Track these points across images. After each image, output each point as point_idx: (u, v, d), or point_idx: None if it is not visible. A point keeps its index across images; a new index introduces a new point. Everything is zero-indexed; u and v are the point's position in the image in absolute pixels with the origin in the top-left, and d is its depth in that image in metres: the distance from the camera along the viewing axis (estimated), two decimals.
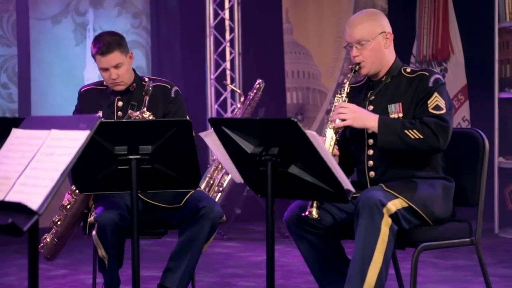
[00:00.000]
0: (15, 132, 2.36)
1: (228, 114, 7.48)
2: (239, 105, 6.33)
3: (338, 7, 7.23)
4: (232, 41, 7.57)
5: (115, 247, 3.34)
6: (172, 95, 3.66)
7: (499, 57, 6.18)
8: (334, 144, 3.18)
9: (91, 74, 7.19)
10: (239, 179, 2.97)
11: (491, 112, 6.17)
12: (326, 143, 3.16)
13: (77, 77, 7.15)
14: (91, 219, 3.38)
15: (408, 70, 3.28)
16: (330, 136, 3.19)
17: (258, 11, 7.53)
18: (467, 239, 3.21)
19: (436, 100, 3.16)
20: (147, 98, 3.52)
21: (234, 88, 6.73)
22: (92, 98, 3.70)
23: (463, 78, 6.57)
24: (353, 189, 2.70)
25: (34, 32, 6.97)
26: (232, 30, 7.55)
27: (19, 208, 2.07)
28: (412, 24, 6.76)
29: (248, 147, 2.77)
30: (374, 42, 3.21)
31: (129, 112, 3.54)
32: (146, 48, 7.36)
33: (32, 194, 2.09)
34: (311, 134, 2.60)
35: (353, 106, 3.19)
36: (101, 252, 3.36)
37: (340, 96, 3.26)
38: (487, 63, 6.24)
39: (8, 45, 6.88)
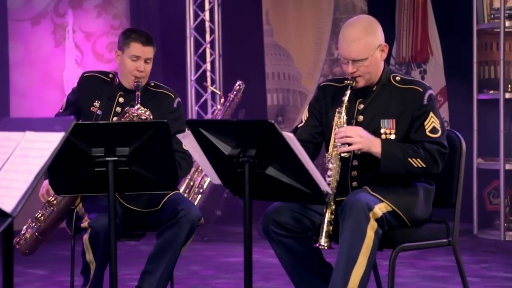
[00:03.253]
0: None
1: (209, 116, 7.47)
2: (219, 107, 6.32)
3: (318, 9, 7.24)
4: (212, 43, 7.56)
5: (105, 253, 3.32)
6: (174, 105, 3.65)
7: (477, 59, 6.21)
8: (339, 169, 3.10)
9: (71, 76, 7.16)
10: (217, 180, 2.97)
11: (469, 113, 6.20)
12: (334, 170, 3.08)
13: (56, 79, 7.12)
14: (84, 224, 3.35)
15: (398, 78, 3.21)
16: (337, 162, 3.09)
17: (238, 13, 7.53)
18: (445, 240, 3.23)
19: (432, 121, 3.14)
20: (138, 93, 3.51)
21: (214, 90, 6.72)
22: (93, 86, 3.65)
23: (442, 80, 6.60)
24: (330, 191, 2.71)
25: (12, 33, 6.93)
26: (212, 31, 7.55)
27: None
28: (391, 26, 6.78)
29: (225, 148, 2.77)
30: (371, 58, 3.13)
31: (126, 109, 3.53)
32: None
33: (6, 197, 2.07)
34: (288, 135, 2.60)
35: (359, 130, 3.10)
36: (89, 256, 3.34)
37: (339, 116, 3.15)
38: (466, 65, 6.27)
39: None
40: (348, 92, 3.15)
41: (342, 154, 3.11)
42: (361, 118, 3.20)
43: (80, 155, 2.91)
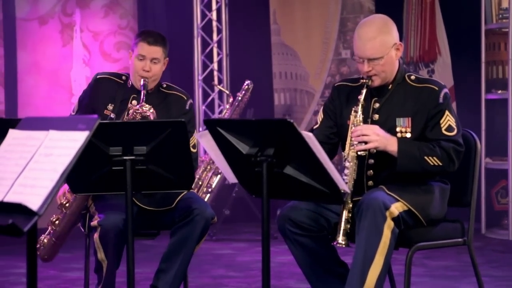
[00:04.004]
0: (12, 133, 2.35)
1: (216, 115, 7.48)
2: (227, 106, 6.32)
3: (326, 9, 7.25)
4: (219, 42, 7.57)
5: (116, 252, 3.34)
6: (187, 107, 3.66)
7: (485, 59, 6.23)
8: (356, 167, 3.12)
9: (78, 75, 7.18)
10: (233, 179, 2.98)
11: (478, 113, 6.21)
12: (351, 169, 3.10)
13: (64, 78, 7.13)
14: (94, 222, 3.36)
15: (413, 77, 3.23)
16: (354, 161, 3.11)
17: (246, 12, 7.54)
18: (460, 239, 3.24)
19: (448, 120, 3.16)
20: (144, 92, 3.52)
21: (223, 89, 6.73)
22: (106, 88, 3.66)
23: (450, 80, 6.60)
24: (348, 190, 2.72)
25: (20, 33, 6.94)
26: (219, 31, 7.56)
27: (18, 209, 2.07)
28: (399, 26, 6.73)
29: (243, 147, 2.78)
30: (387, 57, 3.14)
31: (129, 105, 3.53)
32: None
33: (32, 195, 2.08)
34: (307, 135, 2.62)
35: (376, 128, 3.12)
36: (101, 255, 3.35)
37: (355, 114, 3.16)
38: (474, 65, 6.28)
39: None
40: (364, 91, 3.16)
41: (359, 153, 3.12)
42: (376, 116, 3.22)
43: (98, 154, 2.92)
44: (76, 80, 7.20)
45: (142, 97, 3.52)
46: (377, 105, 3.24)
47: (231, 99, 6.29)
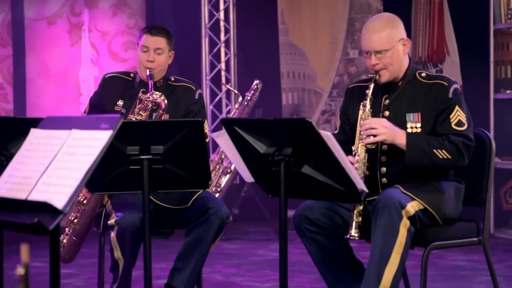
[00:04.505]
0: (34, 132, 2.36)
1: (223, 115, 7.50)
2: (236, 106, 6.33)
3: (334, 8, 7.25)
4: (227, 42, 7.59)
5: (132, 250, 3.35)
6: (196, 97, 3.69)
7: (494, 58, 6.23)
8: (366, 161, 3.14)
9: (87, 75, 7.20)
10: (249, 179, 2.99)
11: (486, 113, 6.21)
12: (360, 162, 3.12)
13: (72, 78, 7.15)
14: (111, 221, 3.38)
15: (423, 74, 3.26)
16: (363, 154, 3.14)
17: (254, 12, 7.55)
18: (475, 239, 3.24)
19: (458, 114, 3.17)
20: (151, 82, 3.55)
21: (232, 89, 6.74)
22: (115, 87, 3.70)
23: (459, 79, 6.61)
24: (366, 189, 2.73)
25: (29, 32, 6.96)
26: (227, 31, 7.57)
27: (42, 207, 2.08)
28: (407, 26, 6.75)
29: (260, 147, 2.79)
30: (393, 50, 3.18)
31: (139, 95, 3.56)
32: None
33: (56, 194, 2.09)
34: (325, 134, 2.63)
35: (383, 122, 3.16)
36: (118, 254, 3.37)
37: (364, 108, 3.20)
38: (483, 64, 6.28)
39: (4, 45, 6.87)
40: (372, 86, 3.21)
41: (368, 146, 3.15)
42: (387, 113, 3.25)
43: (115, 153, 2.93)
44: (84, 80, 7.22)
45: (150, 86, 3.54)
46: (387, 101, 3.27)
47: (240, 99, 6.30)
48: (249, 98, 6.25)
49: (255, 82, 6.28)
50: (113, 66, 7.23)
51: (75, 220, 3.56)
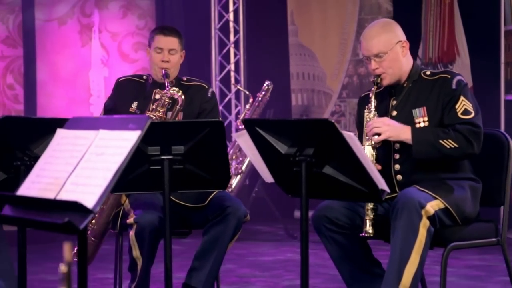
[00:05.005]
0: (60, 133, 2.38)
1: (233, 116, 7.52)
2: (247, 106, 6.35)
3: (343, 9, 7.27)
4: (237, 43, 7.60)
5: (151, 249, 3.37)
6: (209, 95, 3.73)
7: (505, 60, 6.24)
8: (374, 160, 3.18)
9: (97, 75, 7.22)
10: (269, 179, 3.00)
11: (497, 114, 6.22)
12: None
13: (83, 78, 7.17)
14: (130, 220, 3.39)
15: (428, 73, 3.32)
16: (370, 153, 3.18)
17: (263, 13, 7.57)
18: (493, 239, 3.25)
19: (463, 104, 3.19)
20: (167, 80, 3.60)
21: (243, 90, 6.75)
22: (128, 89, 3.73)
23: (469, 81, 6.61)
24: (388, 189, 2.74)
25: (40, 33, 6.98)
26: (236, 32, 7.59)
27: (71, 207, 2.10)
28: (417, 27, 6.80)
29: (282, 147, 2.80)
30: (391, 53, 3.25)
31: (155, 91, 3.59)
32: None
33: (85, 193, 2.11)
34: (348, 135, 2.64)
35: (386, 120, 3.22)
36: (136, 253, 3.38)
37: (368, 111, 3.27)
38: (493, 66, 6.29)
39: (14, 46, 6.90)
40: (374, 89, 3.27)
41: (376, 145, 3.19)
42: (394, 113, 3.30)
43: (136, 153, 2.88)
44: (94, 81, 7.24)
45: (166, 84, 3.58)
46: (394, 102, 3.33)
47: (251, 100, 6.31)
48: (260, 98, 6.26)
49: (266, 83, 6.30)
50: (123, 67, 7.26)
51: (93, 221, 3.58)
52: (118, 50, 7.32)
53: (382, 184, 2.71)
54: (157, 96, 3.57)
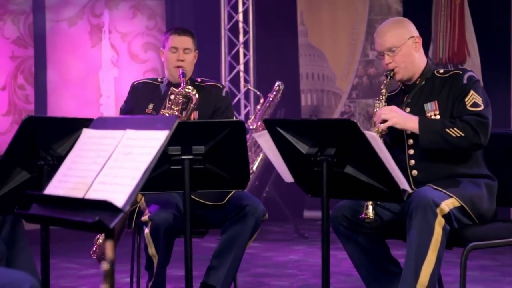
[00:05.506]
0: (87, 132, 2.39)
1: (242, 116, 7.53)
2: (258, 107, 6.36)
3: (353, 10, 7.28)
4: (246, 43, 7.62)
5: (166, 246, 3.38)
6: (223, 94, 3.79)
7: None
8: None
9: (107, 76, 7.23)
10: (289, 179, 3.02)
11: (507, 114, 6.23)
12: None
13: (93, 79, 7.19)
14: (145, 217, 3.41)
15: (441, 71, 3.38)
16: None
17: (273, 14, 7.58)
18: None
19: (473, 97, 3.24)
20: (183, 79, 3.64)
21: (254, 90, 6.76)
22: (144, 92, 3.78)
23: (480, 81, 6.62)
24: (409, 189, 2.75)
25: (50, 33, 7.00)
26: (246, 32, 7.60)
27: (99, 206, 2.11)
28: (427, 27, 6.80)
29: (302, 147, 2.82)
30: (404, 47, 3.33)
31: (171, 89, 3.62)
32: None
33: (115, 192, 2.12)
34: (370, 135, 2.66)
35: (393, 107, 3.29)
36: (152, 250, 3.39)
37: (379, 102, 3.34)
38: (504, 66, 6.30)
39: (25, 46, 6.91)
40: (386, 81, 3.35)
41: (382, 132, 3.24)
42: (407, 109, 3.35)
43: None
44: (104, 81, 7.26)
45: (182, 82, 3.62)
46: (408, 100, 3.37)
47: (261, 100, 6.33)
48: (271, 99, 6.28)
49: (277, 83, 6.31)
50: (133, 67, 7.28)
51: None
52: (127, 51, 7.33)
53: (403, 184, 2.72)
54: (172, 97, 3.60)
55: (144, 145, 2.20)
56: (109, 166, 2.22)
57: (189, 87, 3.61)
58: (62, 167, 2.34)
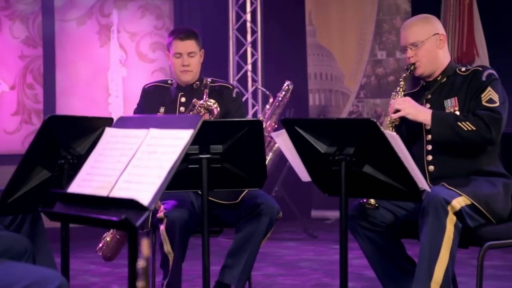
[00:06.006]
0: (109, 131, 2.41)
1: (250, 116, 7.54)
2: (267, 106, 6.37)
3: (362, 10, 7.29)
4: (254, 43, 7.63)
5: (182, 243, 3.40)
6: (234, 95, 3.79)
7: None
8: None
9: (115, 75, 7.25)
10: (306, 178, 3.03)
11: None
12: None
13: (101, 78, 7.20)
14: (160, 214, 3.42)
15: (463, 69, 3.39)
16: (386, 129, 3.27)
17: (281, 13, 7.59)
18: None
19: (489, 94, 3.26)
20: (206, 91, 3.65)
21: (263, 90, 6.77)
22: (155, 95, 3.80)
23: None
24: (428, 188, 2.76)
25: (59, 33, 7.02)
26: (254, 32, 7.61)
27: (123, 204, 2.12)
28: None
29: (321, 147, 2.83)
30: (428, 43, 3.35)
31: (193, 101, 3.63)
32: None
33: (140, 191, 2.14)
34: (390, 135, 2.67)
35: (408, 98, 3.33)
36: (167, 248, 3.41)
37: (396, 93, 3.38)
38: None
39: (34, 46, 6.93)
40: (406, 74, 3.38)
41: (394, 121, 3.29)
42: (428, 105, 3.38)
43: None
44: (113, 80, 7.27)
45: (205, 96, 3.62)
46: (428, 96, 3.40)
47: (271, 99, 6.33)
48: (280, 98, 6.29)
49: (286, 83, 6.32)
50: (141, 66, 7.29)
51: None
52: (136, 50, 7.35)
53: (422, 183, 2.74)
54: (196, 106, 3.60)
55: (168, 144, 2.22)
56: (133, 165, 2.24)
57: (211, 100, 3.61)
58: (86, 166, 2.36)
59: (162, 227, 3.42)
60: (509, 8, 6.38)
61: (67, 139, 2.75)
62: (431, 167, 3.32)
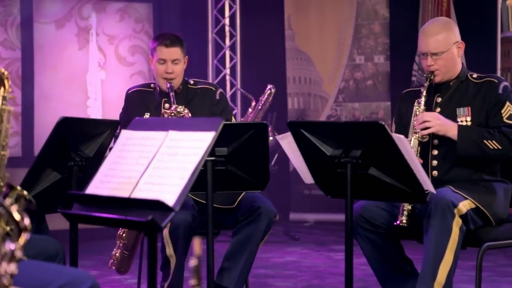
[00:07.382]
0: (126, 134, 2.42)
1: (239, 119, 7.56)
2: (250, 110, 6.40)
3: (340, 15, 7.37)
4: (233, 47, 7.66)
5: (185, 246, 3.41)
6: (217, 97, 3.75)
7: (501, 66, 6.38)
8: (418, 153, 3.29)
9: (94, 78, 7.23)
10: (309, 180, 3.07)
11: None
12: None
13: (80, 81, 7.18)
14: None
15: (475, 76, 3.44)
16: (415, 146, 3.29)
17: (260, 17, 7.63)
18: None
19: (509, 109, 3.32)
20: (172, 94, 3.62)
21: (246, 93, 6.81)
22: (139, 100, 3.77)
23: None
24: (434, 190, 2.82)
25: (38, 35, 6.98)
26: (232, 36, 7.64)
27: (148, 205, 2.14)
28: (414, 33, 6.89)
29: (327, 149, 2.87)
30: (449, 53, 3.36)
31: (162, 112, 3.61)
32: (147, 52, 7.41)
33: (162, 192, 2.16)
34: (398, 137, 2.72)
35: (436, 115, 3.34)
36: (170, 251, 3.41)
37: (418, 105, 3.37)
38: (489, 71, 6.40)
39: (12, 48, 6.88)
40: (427, 84, 3.37)
41: (420, 138, 3.30)
42: (438, 110, 3.41)
43: None
44: (91, 83, 7.25)
45: (172, 100, 3.61)
46: (439, 99, 3.43)
47: (253, 103, 6.37)
48: (262, 102, 6.33)
49: (269, 86, 6.36)
50: (120, 70, 7.28)
51: (124, 235, 3.60)
52: (115, 53, 7.33)
53: (428, 185, 2.79)
54: (165, 115, 3.59)
55: (189, 146, 2.24)
56: (153, 167, 2.26)
57: (180, 107, 3.57)
58: (103, 168, 2.37)
59: (165, 231, 3.42)
60: (486, 13, 6.49)
61: (77, 141, 2.76)
62: (435, 172, 3.37)
